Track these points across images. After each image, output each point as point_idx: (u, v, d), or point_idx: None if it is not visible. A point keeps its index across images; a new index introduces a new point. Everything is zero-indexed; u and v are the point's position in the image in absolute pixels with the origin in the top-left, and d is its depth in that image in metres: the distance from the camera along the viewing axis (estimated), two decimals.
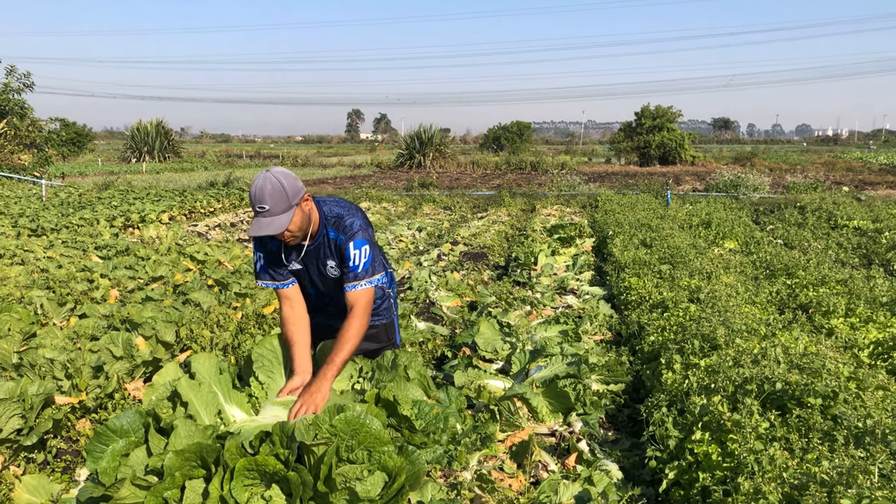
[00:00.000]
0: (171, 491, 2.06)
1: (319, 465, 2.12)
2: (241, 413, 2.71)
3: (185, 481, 2.11)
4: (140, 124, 47.46)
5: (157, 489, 2.02)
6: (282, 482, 2.13)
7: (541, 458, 3.58)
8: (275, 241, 3.20)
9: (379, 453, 2.23)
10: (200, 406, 2.48)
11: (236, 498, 2.03)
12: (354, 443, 2.21)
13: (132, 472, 2.07)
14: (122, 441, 2.22)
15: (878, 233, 10.79)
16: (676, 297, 5.67)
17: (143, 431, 2.27)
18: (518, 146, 51.83)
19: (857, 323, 5.27)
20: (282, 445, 2.17)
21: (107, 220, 12.43)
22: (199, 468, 2.12)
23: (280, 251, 3.22)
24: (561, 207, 16.50)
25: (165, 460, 2.05)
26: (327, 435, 2.22)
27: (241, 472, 2.07)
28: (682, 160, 40.67)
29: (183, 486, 2.13)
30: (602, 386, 4.57)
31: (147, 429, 2.23)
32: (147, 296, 5.79)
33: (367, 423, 2.22)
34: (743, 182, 19.05)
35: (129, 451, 2.20)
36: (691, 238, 9.67)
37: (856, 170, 34.09)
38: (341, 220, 3.20)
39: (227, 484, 2.06)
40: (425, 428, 2.61)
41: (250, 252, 8.86)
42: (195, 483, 2.11)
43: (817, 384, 3.28)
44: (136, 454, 2.20)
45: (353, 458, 2.21)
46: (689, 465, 3.12)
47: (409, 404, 2.61)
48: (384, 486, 2.19)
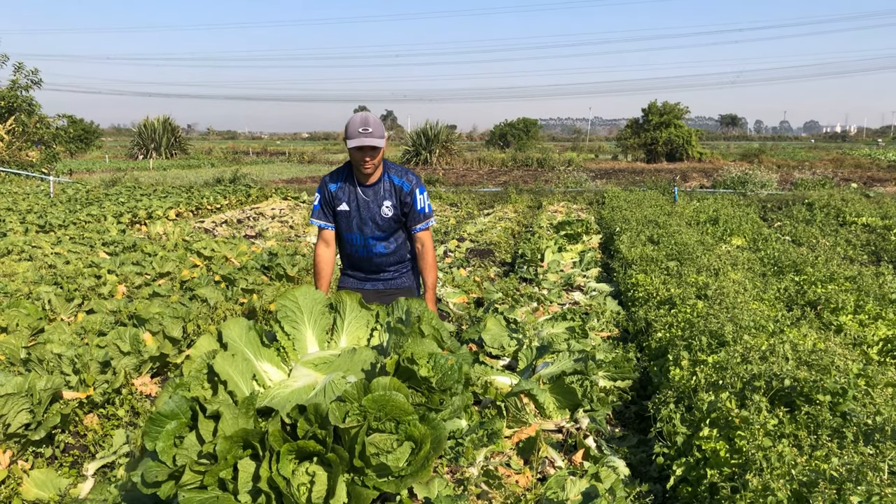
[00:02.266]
0: (225, 471, 2.37)
1: (354, 443, 2.38)
2: (272, 368, 2.91)
3: (237, 462, 2.40)
4: (147, 121, 47.58)
5: (213, 471, 2.35)
6: (320, 459, 2.42)
7: (548, 454, 3.57)
8: (337, 179, 3.80)
9: (405, 423, 2.46)
10: (237, 377, 2.71)
11: (283, 474, 2.33)
12: (382, 414, 2.46)
13: (190, 459, 2.36)
14: (174, 422, 2.47)
15: (887, 229, 10.73)
16: (684, 293, 5.64)
17: (190, 413, 2.50)
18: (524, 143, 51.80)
19: (867, 320, 5.24)
20: (318, 426, 2.42)
21: (114, 217, 12.47)
22: (246, 449, 2.42)
23: (337, 192, 3.77)
24: (567, 204, 16.47)
25: (217, 445, 2.33)
26: (358, 412, 2.44)
27: (284, 454, 2.36)
28: (689, 157, 40.55)
29: (235, 465, 2.41)
30: (609, 382, 4.55)
31: (195, 414, 2.49)
32: (154, 291, 5.80)
33: (393, 398, 2.46)
34: (750, 179, 18.97)
35: (180, 431, 2.47)
36: (699, 235, 9.64)
37: (864, 166, 33.88)
38: (405, 171, 3.81)
39: (275, 465, 2.36)
40: (441, 380, 2.75)
41: (255, 248, 8.88)
42: (245, 462, 2.42)
43: (826, 381, 3.26)
44: (190, 438, 2.45)
45: (382, 428, 2.47)
46: (697, 461, 3.10)
47: (425, 361, 2.75)
48: (411, 452, 2.44)
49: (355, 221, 3.79)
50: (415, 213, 3.79)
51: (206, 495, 2.34)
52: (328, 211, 3.83)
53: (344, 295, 3.20)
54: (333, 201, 3.80)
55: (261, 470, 2.36)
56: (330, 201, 3.81)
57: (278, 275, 6.85)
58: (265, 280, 6.61)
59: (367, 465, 2.38)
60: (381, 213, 3.76)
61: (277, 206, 16.52)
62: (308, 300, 3.12)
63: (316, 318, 3.12)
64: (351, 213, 3.78)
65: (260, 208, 15.95)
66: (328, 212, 3.83)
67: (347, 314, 3.19)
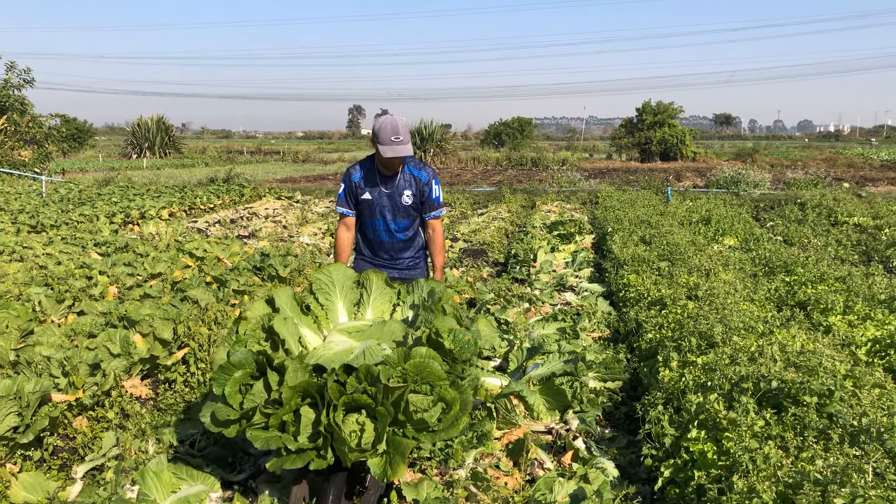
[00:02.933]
0: (287, 415, 2.81)
1: (399, 401, 2.78)
2: (310, 333, 3.30)
3: (298, 408, 2.83)
4: (141, 120, 47.40)
5: (278, 414, 2.77)
6: (368, 411, 2.83)
7: (537, 455, 3.58)
8: (361, 171, 4.15)
9: (438, 387, 2.89)
10: (290, 337, 3.12)
11: (338, 422, 2.75)
12: (420, 378, 2.88)
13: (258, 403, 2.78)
14: (240, 372, 2.86)
15: (878, 229, 10.78)
16: (675, 294, 5.66)
17: (254, 364, 2.92)
18: (519, 142, 51.78)
19: (855, 320, 5.26)
20: (369, 384, 2.83)
21: (106, 217, 12.43)
22: (305, 398, 2.86)
23: (362, 181, 4.13)
24: (561, 204, 16.49)
25: (283, 393, 2.77)
26: (400, 375, 2.85)
27: (341, 406, 2.79)
28: (683, 156, 40.63)
29: (296, 411, 2.84)
30: (599, 383, 4.57)
31: (260, 365, 2.92)
32: (145, 293, 5.79)
33: (430, 365, 2.89)
34: (743, 178, 19.03)
35: (245, 380, 2.88)
36: (691, 235, 9.66)
37: (857, 166, 34.01)
38: (422, 163, 4.25)
39: (332, 413, 2.77)
40: (460, 352, 3.12)
41: (248, 249, 8.87)
42: (306, 409, 2.84)
43: (813, 382, 3.28)
44: (257, 385, 2.88)
45: (419, 390, 2.88)
46: (685, 463, 3.12)
47: (448, 336, 3.11)
48: (442, 412, 2.86)
49: (378, 209, 4.16)
50: (430, 202, 4.21)
51: (270, 434, 2.77)
52: (351, 199, 4.19)
53: (371, 273, 3.57)
54: (357, 191, 4.15)
55: (321, 417, 2.78)
56: (353, 191, 4.16)
57: (270, 276, 6.85)
58: (257, 281, 6.61)
59: (408, 419, 2.82)
60: (402, 201, 4.14)
61: (271, 205, 16.50)
62: (340, 275, 3.52)
63: (346, 292, 3.52)
64: (374, 201, 4.14)
65: (253, 208, 15.93)
66: (351, 200, 4.20)
67: (373, 290, 3.56)
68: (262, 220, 13.77)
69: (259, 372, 2.93)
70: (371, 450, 2.76)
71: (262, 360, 2.91)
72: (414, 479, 3.22)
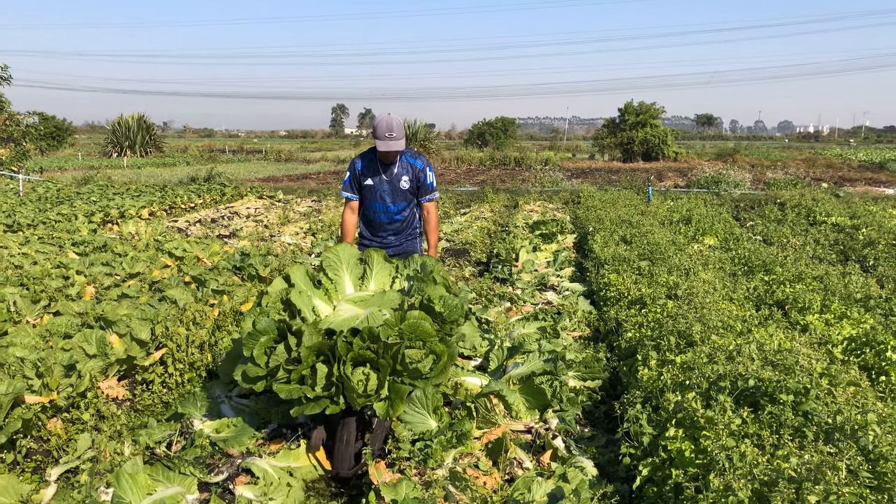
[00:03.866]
0: (305, 371, 3.37)
1: (396, 355, 3.36)
2: (321, 303, 3.82)
3: (314, 364, 3.37)
4: (121, 118, 46.91)
5: (298, 370, 3.34)
6: (372, 364, 3.37)
7: (516, 455, 3.58)
8: (364, 161, 4.69)
9: (430, 342, 3.46)
10: (305, 307, 3.66)
11: (347, 373, 3.29)
12: (413, 336, 3.44)
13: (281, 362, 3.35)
14: (265, 337, 3.41)
15: (856, 229, 10.91)
16: (654, 293, 5.69)
17: (276, 331, 3.45)
18: (502, 142, 51.89)
19: (832, 319, 5.32)
20: (371, 342, 3.36)
21: (85, 216, 12.29)
22: (319, 356, 3.40)
23: (364, 170, 4.68)
24: (544, 203, 16.52)
25: (301, 353, 3.32)
26: (398, 334, 3.39)
27: (349, 360, 3.32)
28: (664, 156, 40.88)
29: (312, 367, 3.37)
30: (579, 382, 4.58)
31: (281, 331, 3.45)
32: (123, 293, 5.73)
33: (422, 324, 3.47)
34: (724, 178, 19.18)
35: (269, 343, 3.41)
36: (671, 234, 9.72)
37: (836, 166, 34.42)
38: (417, 153, 4.77)
39: (342, 367, 3.30)
40: (449, 314, 3.68)
41: (228, 248, 8.81)
42: (320, 365, 3.37)
43: (789, 381, 3.30)
44: (279, 348, 3.40)
45: (413, 345, 3.44)
46: (663, 461, 3.13)
47: (438, 300, 3.66)
48: (433, 362, 3.45)
49: (378, 193, 4.70)
50: (425, 187, 4.76)
51: (292, 387, 3.33)
52: (355, 185, 4.74)
53: (372, 251, 4.14)
54: (360, 177, 4.71)
55: (333, 370, 3.33)
56: (357, 177, 4.72)
57: (250, 275, 6.80)
58: (237, 281, 6.55)
59: (404, 369, 3.40)
60: (400, 186, 4.68)
61: (252, 204, 16.40)
62: (346, 254, 4.07)
63: (352, 268, 4.07)
64: (375, 186, 4.69)
65: (235, 207, 15.82)
66: (355, 186, 4.75)
67: (375, 265, 4.12)
68: (244, 220, 13.68)
69: (280, 336, 3.46)
70: (375, 395, 3.34)
71: (283, 326, 3.46)
72: (392, 480, 3.20)
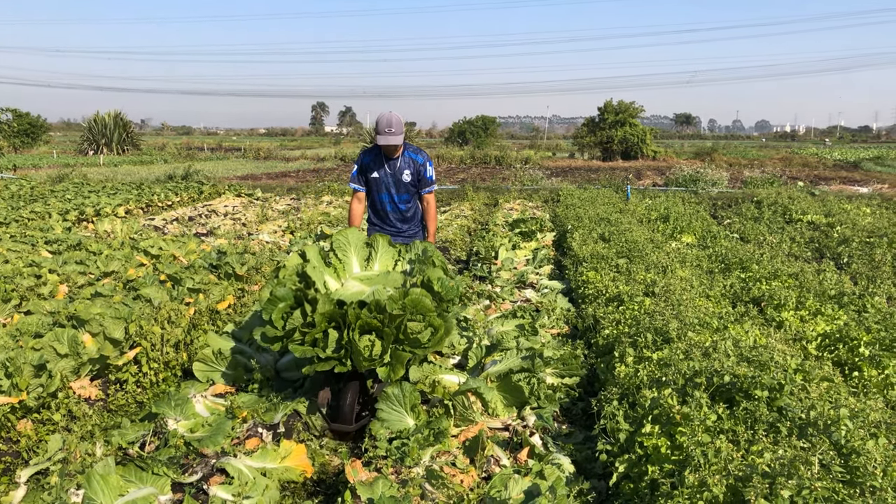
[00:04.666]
0: (318, 335, 3.79)
1: (399, 325, 3.79)
2: (331, 279, 4.23)
3: (326, 329, 3.80)
4: (98, 116, 46.29)
5: (311, 333, 3.77)
6: (377, 333, 3.79)
7: (493, 452, 3.57)
8: (369, 156, 5.17)
9: (429, 316, 3.89)
10: (318, 280, 4.03)
11: (355, 339, 3.71)
12: (415, 310, 3.86)
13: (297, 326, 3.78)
14: (283, 303, 3.85)
15: (830, 227, 11.05)
16: (632, 290, 5.71)
17: (293, 298, 3.87)
18: (483, 140, 51.92)
19: (807, 315, 5.37)
20: (377, 312, 3.79)
21: (59, 214, 12.12)
22: (331, 322, 3.82)
23: (370, 164, 5.14)
24: (523, 202, 16.55)
25: (315, 318, 3.76)
26: (401, 307, 3.81)
27: (356, 327, 3.72)
28: (643, 155, 41.12)
29: (325, 331, 3.79)
30: (557, 379, 4.58)
31: (297, 298, 3.88)
32: (97, 291, 5.64)
33: (423, 300, 3.88)
34: (702, 177, 19.33)
35: (286, 309, 3.85)
36: (649, 232, 9.78)
37: (811, 165, 34.85)
38: (419, 149, 5.25)
39: (351, 333, 3.72)
40: (446, 293, 4.08)
41: (205, 246, 8.72)
42: (331, 331, 3.79)
43: (764, 377, 3.33)
44: (296, 313, 3.82)
45: (414, 318, 3.88)
46: (639, 458, 3.13)
47: (438, 282, 4.08)
48: (431, 334, 3.90)
49: (384, 185, 5.16)
50: (425, 180, 5.23)
51: (306, 348, 3.75)
52: (362, 178, 5.20)
53: (378, 235, 4.58)
54: (367, 171, 5.16)
55: (343, 335, 3.76)
56: (364, 170, 5.17)
57: (227, 273, 6.73)
58: (213, 279, 6.48)
59: (405, 339, 3.84)
60: (403, 179, 5.14)
61: (230, 203, 16.26)
62: (353, 237, 4.50)
63: (359, 250, 4.50)
64: (380, 178, 5.14)
65: (212, 205, 15.67)
66: (362, 178, 5.20)
67: (380, 248, 4.54)
68: (221, 218, 13.56)
69: (296, 303, 3.88)
70: (378, 360, 3.76)
71: (300, 294, 3.89)
72: (369, 478, 3.18)
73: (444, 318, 3.94)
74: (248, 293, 6.58)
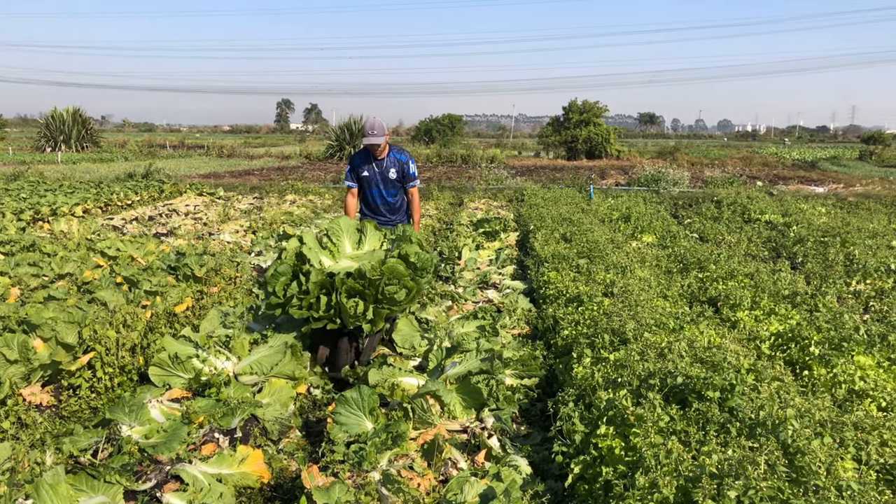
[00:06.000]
0: (312, 300, 4.60)
1: (377, 288, 4.63)
2: (326, 259, 5.05)
3: (318, 295, 4.59)
4: (55, 112, 45.20)
5: (307, 299, 4.59)
6: (360, 295, 4.61)
7: (451, 455, 3.58)
8: (360, 157, 6.08)
9: (404, 280, 4.73)
10: (314, 258, 4.89)
11: (342, 301, 4.53)
12: (392, 276, 4.68)
13: (295, 294, 4.62)
14: (284, 277, 4.73)
15: (787, 226, 11.28)
16: (591, 291, 5.77)
17: (291, 273, 4.76)
18: (449, 139, 51.95)
19: (761, 315, 5.48)
20: (360, 279, 4.60)
21: (13, 213, 11.81)
22: (322, 289, 4.62)
23: (360, 164, 6.06)
24: (489, 201, 16.61)
25: (309, 287, 4.57)
26: (379, 273, 4.63)
27: (343, 291, 4.55)
28: (608, 154, 41.54)
29: (317, 297, 4.59)
30: (516, 380, 4.61)
31: (295, 273, 4.77)
32: (50, 295, 5.51)
33: (398, 267, 4.72)
34: (664, 177, 19.60)
35: (286, 282, 4.72)
36: (611, 232, 9.89)
37: (771, 164, 35.54)
38: (402, 150, 6.16)
39: (339, 296, 4.54)
40: (422, 264, 4.92)
41: (164, 247, 8.59)
42: (323, 296, 4.59)
43: (716, 378, 3.39)
44: (293, 285, 4.67)
45: (391, 283, 4.68)
46: (594, 459, 3.17)
47: (414, 255, 4.91)
48: (406, 294, 4.75)
49: (373, 181, 6.09)
50: (409, 176, 6.15)
51: (302, 311, 4.59)
52: (354, 175, 6.13)
53: (367, 222, 5.43)
54: (357, 169, 6.08)
55: (332, 299, 4.56)
56: (355, 169, 6.09)
57: (185, 275, 6.63)
58: (171, 281, 6.38)
59: (384, 299, 4.68)
60: (389, 176, 6.06)
61: (192, 202, 16.02)
62: (346, 224, 5.33)
63: (350, 234, 5.31)
64: (370, 176, 6.07)
65: (173, 204, 15.43)
66: (354, 176, 6.13)
67: (368, 232, 5.36)
68: (182, 218, 13.36)
69: (293, 277, 4.74)
70: (363, 317, 4.61)
71: (297, 269, 4.78)
72: (326, 483, 3.17)
73: (416, 282, 4.78)
74: (206, 295, 6.49)
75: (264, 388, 4.48)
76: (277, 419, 4.15)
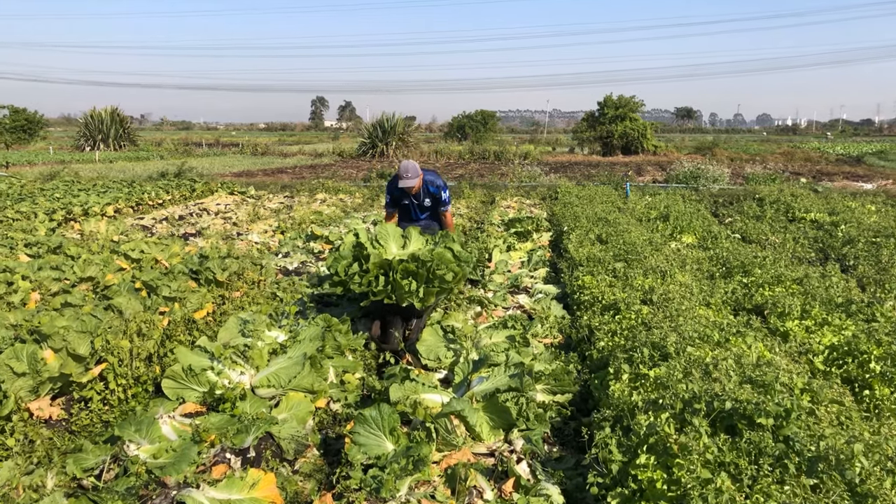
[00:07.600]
0: (372, 279, 5.18)
1: (429, 270, 5.20)
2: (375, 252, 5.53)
3: (377, 275, 5.21)
4: (94, 111, 45.97)
5: (367, 277, 5.21)
6: (413, 275, 5.14)
7: (477, 482, 3.30)
8: (398, 190, 6.55)
9: (451, 265, 5.35)
10: (368, 248, 5.51)
11: (398, 280, 5.09)
12: (440, 261, 5.31)
13: (356, 273, 5.29)
14: (345, 260, 5.47)
15: (835, 226, 10.74)
16: (629, 298, 5.44)
17: (352, 256, 5.49)
18: (482, 135, 51.60)
19: (813, 326, 5.09)
20: (414, 262, 5.20)
21: (46, 214, 11.83)
22: (380, 270, 5.21)
23: (400, 195, 6.65)
24: (521, 199, 16.26)
25: (368, 266, 5.24)
26: (430, 257, 5.26)
27: (398, 271, 5.13)
28: (644, 150, 40.80)
29: (376, 276, 5.19)
30: (548, 396, 4.32)
31: (357, 256, 5.49)
32: (67, 301, 5.36)
33: (446, 254, 5.41)
34: (703, 174, 19.01)
35: (348, 263, 5.42)
36: (648, 232, 9.50)
37: (814, 160, 34.51)
38: (435, 181, 6.72)
39: (395, 276, 5.11)
40: (465, 258, 5.54)
41: (191, 248, 8.46)
42: (380, 276, 5.18)
43: (769, 403, 3.06)
44: (354, 266, 5.38)
45: (439, 267, 5.25)
46: (633, 492, 2.87)
47: (458, 249, 5.57)
48: (453, 277, 5.30)
49: (411, 209, 6.80)
50: (442, 203, 6.78)
51: (362, 287, 5.18)
52: (394, 204, 6.80)
53: (411, 228, 5.97)
54: (399, 199, 6.73)
55: (389, 277, 5.12)
56: (396, 199, 6.74)
57: (207, 279, 6.45)
58: (192, 286, 6.20)
59: (435, 279, 5.19)
60: (424, 204, 6.75)
61: (223, 201, 15.97)
62: (392, 230, 5.89)
63: (396, 238, 5.86)
64: (408, 205, 6.77)
65: (204, 204, 15.38)
66: (394, 204, 6.80)
67: (412, 236, 5.89)
68: (212, 217, 13.28)
69: (354, 260, 5.43)
70: (415, 294, 5.08)
71: (357, 253, 5.50)
72: None
73: (461, 267, 5.40)
74: (228, 300, 6.31)
75: (281, 402, 4.26)
76: (294, 437, 3.92)
